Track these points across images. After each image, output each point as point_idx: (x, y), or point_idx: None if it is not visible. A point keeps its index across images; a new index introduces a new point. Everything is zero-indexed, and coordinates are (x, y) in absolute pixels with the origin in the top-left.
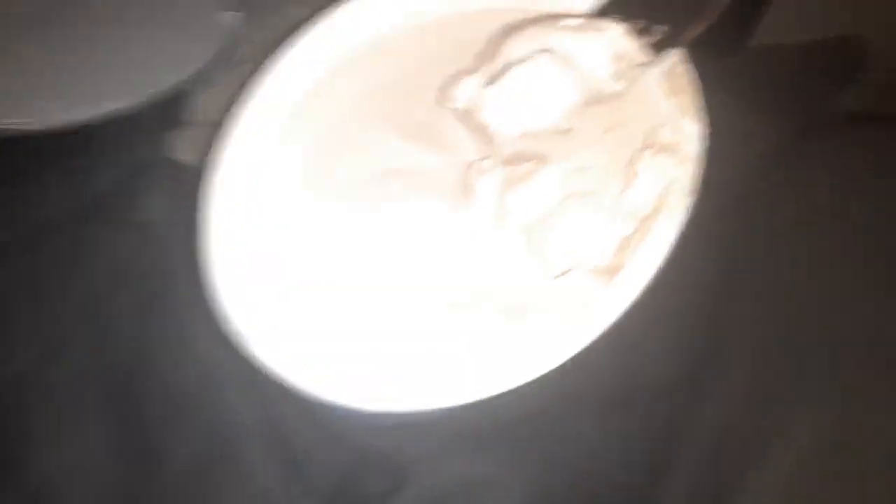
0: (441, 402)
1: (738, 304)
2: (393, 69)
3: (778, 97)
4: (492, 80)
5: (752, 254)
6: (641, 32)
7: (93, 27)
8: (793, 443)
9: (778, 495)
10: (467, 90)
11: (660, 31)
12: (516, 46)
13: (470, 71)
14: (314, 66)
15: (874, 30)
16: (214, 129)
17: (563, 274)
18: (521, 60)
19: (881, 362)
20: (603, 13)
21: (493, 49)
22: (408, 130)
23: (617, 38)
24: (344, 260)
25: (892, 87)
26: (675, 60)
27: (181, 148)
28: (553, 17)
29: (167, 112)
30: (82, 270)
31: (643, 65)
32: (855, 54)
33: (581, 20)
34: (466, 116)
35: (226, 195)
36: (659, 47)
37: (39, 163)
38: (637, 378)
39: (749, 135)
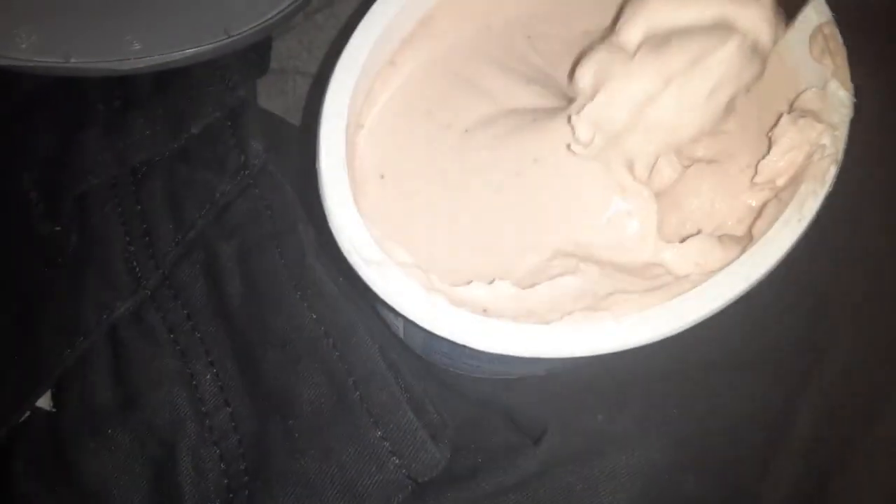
0: (572, 351)
1: (848, 275)
2: (514, 7)
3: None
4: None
5: (861, 219)
6: None
7: None
8: None
9: (891, 450)
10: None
11: None
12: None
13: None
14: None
15: None
16: (298, 76)
17: (687, 237)
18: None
19: None
20: None
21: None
22: (531, 77)
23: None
24: (467, 198)
25: None
26: (824, 22)
27: (266, 95)
28: None
29: (253, 56)
30: (183, 214)
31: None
32: None
33: None
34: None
35: (337, 135)
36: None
37: (134, 104)
38: (764, 341)
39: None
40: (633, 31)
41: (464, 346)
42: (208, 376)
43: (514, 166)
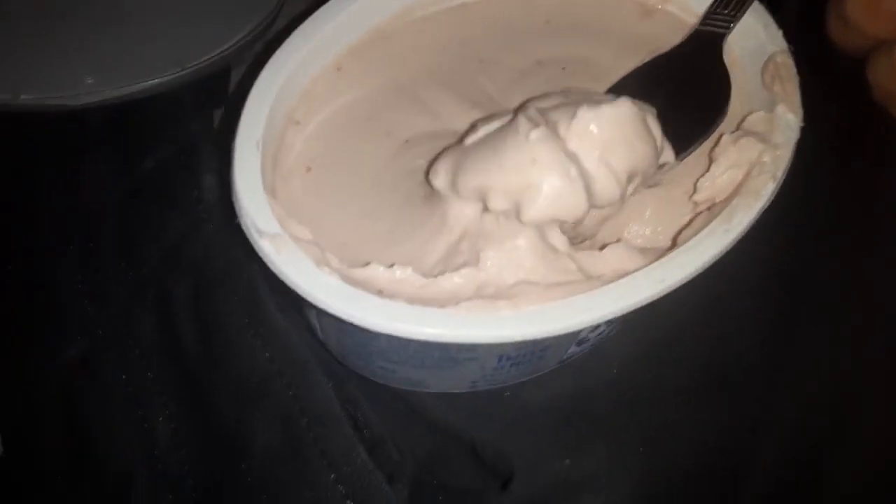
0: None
1: (813, 293)
2: (469, 31)
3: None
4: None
5: (823, 238)
6: None
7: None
8: (870, 421)
9: (858, 469)
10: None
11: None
12: None
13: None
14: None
15: None
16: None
17: (605, 246)
18: None
19: None
20: None
21: None
22: (477, 101)
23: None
24: (392, 196)
25: None
26: (776, 51)
27: (226, 125)
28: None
29: (210, 88)
30: (137, 254)
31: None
32: None
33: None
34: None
35: (257, 121)
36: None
37: (86, 141)
38: (723, 368)
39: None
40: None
41: (355, 327)
42: (161, 419)
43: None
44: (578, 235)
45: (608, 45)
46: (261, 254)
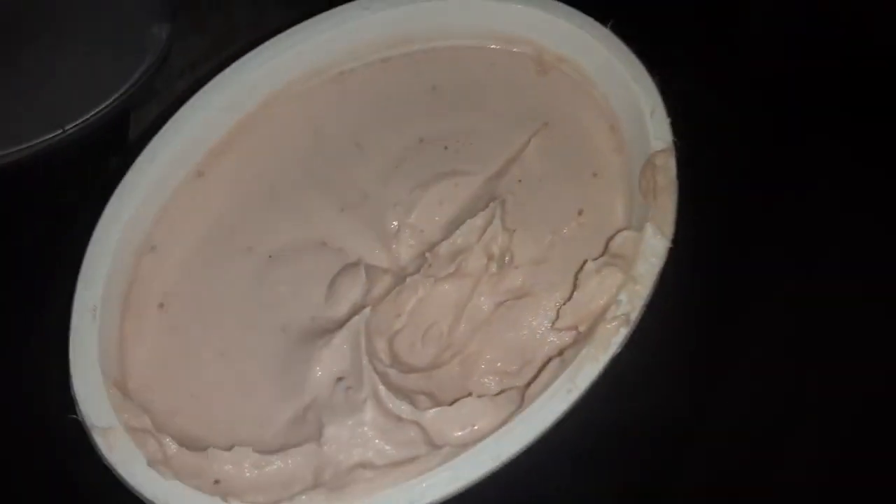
0: None
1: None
2: (335, 107)
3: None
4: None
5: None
6: None
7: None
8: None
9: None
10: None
11: None
12: None
13: None
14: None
15: None
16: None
17: (465, 397)
18: None
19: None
20: None
21: None
22: (348, 201)
23: None
24: (248, 334)
25: None
26: (656, 152)
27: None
28: None
29: (106, 137)
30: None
31: None
32: None
33: None
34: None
35: (93, 289)
36: None
37: None
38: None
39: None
40: None
41: None
42: None
43: (307, 312)
44: (451, 346)
45: (497, 114)
46: (95, 446)
